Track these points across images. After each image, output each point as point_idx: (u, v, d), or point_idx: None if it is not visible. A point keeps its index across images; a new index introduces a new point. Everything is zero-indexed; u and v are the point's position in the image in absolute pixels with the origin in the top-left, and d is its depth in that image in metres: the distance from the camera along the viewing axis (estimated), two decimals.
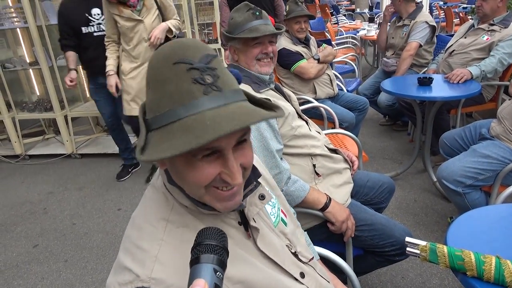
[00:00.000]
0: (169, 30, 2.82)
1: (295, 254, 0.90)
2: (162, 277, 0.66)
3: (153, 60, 0.68)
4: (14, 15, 3.60)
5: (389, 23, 3.77)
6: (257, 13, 1.53)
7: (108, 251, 2.43)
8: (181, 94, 0.63)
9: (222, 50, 6.97)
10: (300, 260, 0.91)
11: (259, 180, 0.85)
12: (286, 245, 0.89)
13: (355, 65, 4.40)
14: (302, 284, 0.87)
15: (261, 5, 3.64)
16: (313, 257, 0.97)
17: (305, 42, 3.00)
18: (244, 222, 0.82)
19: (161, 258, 0.68)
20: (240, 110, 0.64)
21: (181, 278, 0.65)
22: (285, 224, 0.94)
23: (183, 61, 0.64)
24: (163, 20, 2.84)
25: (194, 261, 0.53)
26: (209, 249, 0.54)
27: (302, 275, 0.88)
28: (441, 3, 9.41)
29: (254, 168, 0.84)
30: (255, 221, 0.82)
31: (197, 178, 0.67)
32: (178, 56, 0.64)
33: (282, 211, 0.96)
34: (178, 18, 2.90)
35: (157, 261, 0.68)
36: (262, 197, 0.87)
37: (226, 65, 1.01)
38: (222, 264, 0.54)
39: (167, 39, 2.84)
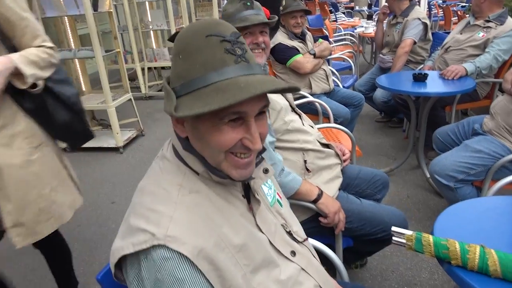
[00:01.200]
0: (19, 75, 1.28)
1: (289, 233, 0.92)
2: (177, 235, 0.68)
3: (183, 33, 0.75)
4: None
5: (385, 21, 3.78)
6: (248, 4, 1.52)
7: (100, 243, 2.43)
8: (214, 62, 0.70)
9: None
10: (295, 239, 0.93)
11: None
12: (282, 224, 0.92)
13: (352, 62, 4.40)
14: (293, 262, 0.89)
15: None
16: (307, 238, 1.00)
17: (301, 37, 3.00)
18: (247, 195, 0.86)
19: (176, 218, 0.70)
20: (267, 78, 0.71)
21: (195, 238, 0.69)
22: (281, 205, 0.98)
23: (216, 34, 0.71)
24: (11, 49, 1.34)
25: None
26: None
27: (293, 253, 0.90)
28: (440, 1, 9.40)
29: None
30: (258, 194, 0.87)
31: (221, 141, 0.72)
32: (211, 30, 0.71)
33: (278, 194, 1.00)
34: (48, 44, 1.40)
35: (172, 220, 0.69)
36: (266, 171, 0.92)
37: None
38: None
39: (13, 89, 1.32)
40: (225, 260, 0.71)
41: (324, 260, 1.24)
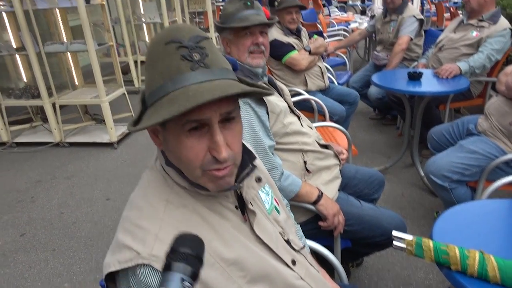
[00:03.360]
0: None
1: (287, 242, 0.92)
2: (162, 255, 0.67)
3: (150, 43, 0.74)
4: None
5: (377, 19, 3.79)
6: (249, 3, 1.52)
7: (96, 241, 2.42)
8: (170, 70, 0.68)
9: (214, 39, 6.95)
10: (292, 248, 0.93)
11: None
12: (279, 233, 0.92)
13: (346, 58, 4.41)
14: (294, 271, 0.89)
15: None
16: (304, 246, 1.00)
17: (297, 33, 3.00)
18: (241, 206, 0.84)
19: (161, 237, 0.70)
20: (224, 83, 0.68)
21: None
22: (278, 212, 0.97)
23: (174, 41, 0.69)
24: None
25: (166, 267, 0.54)
26: (182, 257, 0.55)
27: (294, 262, 0.90)
28: None
29: (249, 152, 0.87)
30: (252, 205, 0.85)
31: (189, 156, 0.70)
32: (170, 37, 0.69)
33: (275, 200, 0.99)
34: None
35: (157, 239, 0.69)
36: (259, 179, 0.91)
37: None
38: (193, 275, 0.55)
39: None
40: (216, 276, 0.71)
41: (323, 260, 1.26)
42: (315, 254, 1.26)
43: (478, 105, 3.07)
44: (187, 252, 0.55)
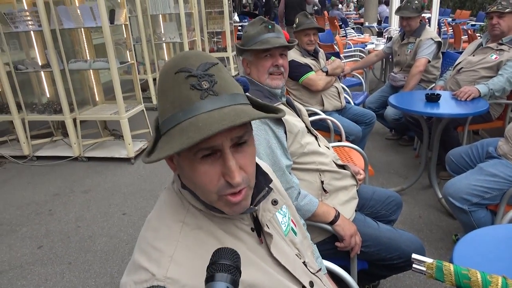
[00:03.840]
0: None
1: (304, 264, 0.92)
2: (177, 277, 0.69)
3: (160, 72, 0.75)
4: (29, 18, 3.66)
5: (395, 41, 3.81)
6: (270, 26, 1.56)
7: (111, 255, 2.44)
8: (180, 100, 0.69)
9: (231, 58, 7.08)
10: (309, 270, 0.93)
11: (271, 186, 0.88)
12: (296, 254, 0.91)
13: (363, 78, 4.43)
14: None
15: None
16: (320, 269, 0.99)
17: (314, 55, 3.04)
18: (257, 228, 0.84)
19: (177, 258, 0.71)
20: (233, 112, 0.68)
21: (195, 279, 0.69)
22: (295, 234, 0.96)
23: (183, 70, 0.70)
24: None
25: (209, 279, 0.56)
26: (224, 268, 0.57)
27: (311, 284, 0.90)
28: (450, 19, 9.47)
29: (265, 174, 0.87)
30: (268, 227, 0.85)
31: (203, 182, 0.71)
32: (179, 66, 0.70)
33: (292, 221, 0.98)
34: None
35: (172, 261, 0.70)
36: (275, 202, 0.91)
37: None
38: (234, 283, 0.56)
39: None
40: None
41: (339, 281, 1.25)
42: (331, 274, 1.25)
43: (497, 127, 3.03)
44: (227, 263, 0.57)
